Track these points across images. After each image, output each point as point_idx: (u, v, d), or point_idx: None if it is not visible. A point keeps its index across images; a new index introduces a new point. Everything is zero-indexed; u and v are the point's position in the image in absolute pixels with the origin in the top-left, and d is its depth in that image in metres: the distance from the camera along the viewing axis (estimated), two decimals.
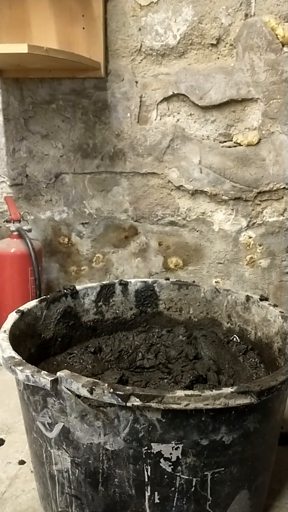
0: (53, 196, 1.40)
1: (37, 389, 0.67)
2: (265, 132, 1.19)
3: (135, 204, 1.34)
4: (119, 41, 1.23)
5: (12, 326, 0.81)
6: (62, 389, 0.64)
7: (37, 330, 0.90)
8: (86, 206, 1.38)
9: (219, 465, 0.66)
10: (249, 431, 0.67)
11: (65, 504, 0.72)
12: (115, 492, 0.67)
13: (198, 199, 1.29)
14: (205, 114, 1.22)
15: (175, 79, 1.21)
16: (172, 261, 1.35)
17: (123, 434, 0.63)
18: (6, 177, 1.43)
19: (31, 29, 1.26)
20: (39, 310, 0.90)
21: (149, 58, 1.22)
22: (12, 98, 1.36)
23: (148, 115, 1.27)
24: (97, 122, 1.31)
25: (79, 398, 0.64)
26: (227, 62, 1.17)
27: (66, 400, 0.65)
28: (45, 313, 0.92)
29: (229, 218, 1.28)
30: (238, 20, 1.14)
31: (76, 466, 0.68)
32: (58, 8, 1.23)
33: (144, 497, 0.67)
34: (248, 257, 1.29)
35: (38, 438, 0.71)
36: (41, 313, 0.91)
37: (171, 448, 0.64)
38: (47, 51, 1.02)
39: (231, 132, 1.21)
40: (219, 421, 0.63)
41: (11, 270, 1.27)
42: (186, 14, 1.16)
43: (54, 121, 1.34)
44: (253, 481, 0.72)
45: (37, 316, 0.90)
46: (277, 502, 0.84)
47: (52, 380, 0.63)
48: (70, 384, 0.63)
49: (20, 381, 0.69)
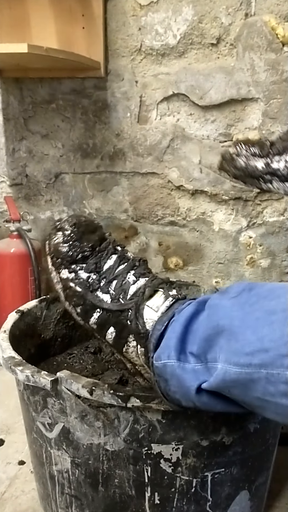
0: (53, 196, 1.40)
1: (37, 389, 0.67)
2: (265, 132, 1.19)
3: (135, 204, 1.34)
4: (119, 40, 1.23)
5: (12, 326, 0.81)
6: (62, 389, 0.64)
7: (37, 330, 0.90)
8: (86, 206, 1.38)
9: (219, 466, 0.66)
10: (249, 431, 0.67)
11: (65, 504, 0.72)
12: (115, 493, 0.67)
13: (198, 199, 1.28)
14: (205, 113, 1.22)
15: (175, 78, 1.21)
16: (172, 261, 1.35)
17: (123, 435, 0.63)
18: (6, 177, 1.42)
19: (30, 28, 1.26)
20: (39, 310, 0.90)
21: (149, 58, 1.22)
22: (12, 98, 1.36)
23: (148, 115, 1.27)
24: (97, 122, 1.31)
25: (79, 399, 0.64)
26: (227, 61, 1.17)
27: (66, 401, 0.65)
28: (45, 313, 0.92)
29: (229, 218, 1.27)
30: (238, 20, 1.14)
31: (76, 466, 0.68)
32: (58, 7, 1.23)
33: (144, 497, 0.67)
34: (248, 257, 1.29)
35: (38, 438, 0.71)
36: (41, 313, 0.91)
37: (171, 449, 0.64)
38: (47, 50, 1.02)
39: (231, 132, 1.21)
40: (219, 422, 0.63)
41: (11, 270, 1.27)
42: (186, 13, 1.16)
43: (54, 121, 1.34)
44: (253, 481, 0.72)
45: (37, 316, 0.90)
46: (277, 503, 0.84)
47: (52, 381, 0.63)
48: (70, 385, 0.63)
49: (20, 381, 0.69)
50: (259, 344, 0.47)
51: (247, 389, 0.48)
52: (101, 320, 0.65)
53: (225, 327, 0.51)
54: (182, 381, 0.55)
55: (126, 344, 0.63)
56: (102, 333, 0.65)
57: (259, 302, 0.51)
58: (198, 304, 0.59)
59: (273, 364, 0.45)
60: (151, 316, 0.61)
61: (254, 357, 0.47)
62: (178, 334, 0.56)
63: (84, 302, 0.66)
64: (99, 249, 0.67)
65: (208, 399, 0.54)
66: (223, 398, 0.53)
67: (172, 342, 0.57)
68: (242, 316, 0.51)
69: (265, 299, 0.51)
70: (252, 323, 0.49)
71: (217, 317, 0.53)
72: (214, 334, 0.52)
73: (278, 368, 0.45)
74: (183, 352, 0.56)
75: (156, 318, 0.61)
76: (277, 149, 0.67)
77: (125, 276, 0.65)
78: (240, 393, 0.50)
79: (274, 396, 0.46)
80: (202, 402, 0.55)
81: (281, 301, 0.49)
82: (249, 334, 0.48)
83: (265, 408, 0.49)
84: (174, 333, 0.57)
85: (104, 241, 0.69)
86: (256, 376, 0.47)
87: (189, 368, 0.55)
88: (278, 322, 0.47)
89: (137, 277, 0.65)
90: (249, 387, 0.48)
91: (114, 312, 0.63)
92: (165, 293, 0.63)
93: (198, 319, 0.57)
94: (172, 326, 0.59)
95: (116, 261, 0.67)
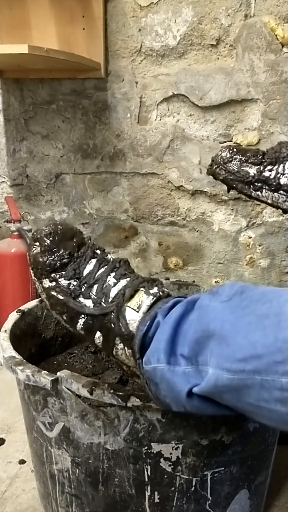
0: (53, 196, 1.41)
1: (37, 388, 0.67)
2: (264, 132, 1.19)
3: (135, 204, 1.34)
4: (119, 41, 1.23)
5: (12, 325, 0.81)
6: (62, 389, 0.64)
7: (38, 330, 0.90)
8: (86, 206, 1.38)
9: (219, 465, 0.67)
10: (248, 431, 0.67)
11: (65, 503, 0.73)
12: (115, 492, 0.67)
13: (198, 199, 1.29)
14: (205, 114, 1.22)
15: (175, 79, 1.22)
16: (172, 261, 1.35)
17: (123, 434, 0.64)
18: (7, 177, 1.43)
19: (31, 29, 1.26)
20: (39, 310, 0.91)
21: (149, 59, 1.23)
22: (13, 99, 1.36)
23: (148, 116, 1.27)
24: (97, 123, 1.31)
25: (79, 398, 0.64)
26: (227, 62, 1.18)
27: (67, 400, 0.65)
28: (46, 313, 0.92)
29: (229, 218, 1.28)
30: (237, 21, 1.14)
31: (76, 465, 0.68)
32: (58, 8, 1.23)
33: (144, 496, 0.67)
34: (247, 257, 1.29)
35: (39, 437, 0.72)
36: (42, 312, 0.91)
37: (171, 448, 0.64)
38: (47, 51, 1.02)
39: (230, 133, 1.22)
40: (219, 421, 0.64)
41: (12, 270, 1.27)
42: (186, 14, 1.17)
43: (54, 122, 1.35)
44: (252, 480, 0.72)
45: (37, 316, 0.90)
46: (276, 502, 0.85)
47: (52, 380, 0.64)
48: (71, 384, 0.63)
49: (20, 380, 0.69)
50: (252, 350, 0.46)
51: (240, 395, 0.48)
52: (86, 326, 0.64)
53: (215, 330, 0.50)
54: (172, 385, 0.54)
55: (115, 347, 0.62)
56: (91, 338, 0.65)
57: (251, 306, 0.50)
58: (187, 304, 0.58)
59: (267, 371, 0.44)
60: (133, 317, 0.61)
61: (247, 363, 0.46)
62: (168, 336, 0.55)
63: (67, 309, 0.65)
64: (77, 255, 0.67)
65: (199, 403, 0.53)
66: (214, 402, 0.52)
67: (161, 344, 0.55)
68: (233, 320, 0.49)
69: (257, 303, 0.49)
70: (243, 328, 0.48)
71: (208, 319, 0.52)
72: (204, 337, 0.51)
73: (272, 374, 0.44)
74: (173, 354, 0.55)
75: (138, 318, 0.60)
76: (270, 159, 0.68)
77: (105, 279, 0.65)
78: (233, 398, 0.49)
79: (268, 402, 0.46)
80: (193, 406, 0.54)
81: (273, 305, 0.48)
82: (241, 338, 0.47)
83: (258, 414, 0.48)
84: (163, 335, 0.56)
85: (83, 246, 0.68)
86: (250, 382, 0.46)
87: (180, 371, 0.54)
88: (271, 326, 0.46)
89: (117, 279, 0.65)
90: (242, 393, 0.47)
91: (97, 316, 0.63)
92: (146, 292, 0.62)
93: (187, 319, 0.56)
94: (161, 328, 0.57)
95: (95, 265, 0.66)
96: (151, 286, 0.63)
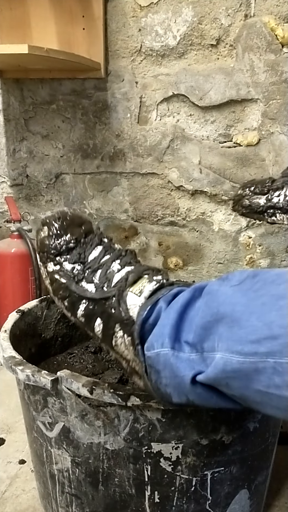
0: (53, 196, 1.41)
1: (37, 388, 0.67)
2: (264, 132, 1.19)
3: (135, 204, 1.34)
4: (119, 41, 1.23)
5: (12, 325, 0.81)
6: (62, 388, 0.64)
7: (38, 330, 0.90)
8: (86, 206, 1.38)
9: (219, 465, 0.67)
10: (248, 430, 0.67)
11: (65, 503, 0.73)
12: (115, 492, 0.67)
13: (198, 199, 1.29)
14: (205, 114, 1.22)
15: (175, 79, 1.22)
16: (172, 261, 1.35)
17: (123, 434, 0.64)
18: (7, 177, 1.43)
19: (31, 29, 1.26)
20: (39, 310, 0.91)
21: (149, 59, 1.23)
22: (13, 99, 1.36)
23: (148, 116, 1.27)
24: (97, 123, 1.31)
25: (79, 398, 0.64)
26: (227, 62, 1.18)
27: (67, 400, 0.65)
28: (46, 313, 0.92)
29: (229, 218, 1.28)
30: (237, 21, 1.14)
31: (76, 465, 0.68)
32: (58, 9, 1.23)
33: (144, 496, 0.67)
34: (247, 257, 1.29)
35: (39, 437, 0.72)
36: (42, 312, 0.91)
37: (171, 447, 0.64)
38: (47, 51, 1.02)
39: (230, 133, 1.22)
40: (219, 421, 0.64)
41: (12, 270, 1.27)
42: (186, 14, 1.17)
43: (54, 122, 1.35)
44: (252, 480, 0.72)
45: (37, 316, 0.90)
46: (276, 502, 0.85)
47: (52, 380, 0.64)
48: (70, 384, 0.63)
49: (20, 380, 0.69)
50: (267, 331, 0.43)
51: (249, 381, 0.45)
52: (87, 311, 0.63)
53: (226, 313, 0.47)
54: (176, 371, 0.52)
55: (114, 335, 0.60)
56: (91, 326, 0.64)
57: (265, 287, 0.47)
58: (194, 291, 0.56)
59: (282, 353, 0.42)
60: (135, 302, 0.59)
61: (261, 345, 0.43)
62: (173, 322, 0.53)
63: (69, 294, 0.64)
64: (84, 241, 0.67)
65: (203, 391, 0.51)
66: (218, 392, 0.50)
67: (166, 329, 0.53)
68: (245, 302, 0.47)
69: (272, 284, 0.47)
70: (257, 309, 0.45)
71: (217, 303, 0.49)
72: (213, 321, 0.49)
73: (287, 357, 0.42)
74: (178, 341, 0.53)
75: (140, 303, 0.58)
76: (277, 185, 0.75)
77: (110, 265, 0.64)
78: (240, 385, 0.46)
79: (280, 388, 0.43)
80: (197, 394, 0.51)
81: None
82: (254, 319, 0.44)
83: (265, 402, 0.46)
84: (169, 320, 0.54)
85: (90, 234, 0.68)
86: (262, 365, 0.43)
87: (184, 357, 0.52)
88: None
89: (122, 266, 0.64)
90: (252, 378, 0.45)
91: (99, 301, 0.62)
92: (150, 279, 0.61)
93: (194, 306, 0.54)
94: (166, 313, 0.55)
95: (101, 251, 0.66)
96: (156, 274, 0.62)
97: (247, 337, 0.44)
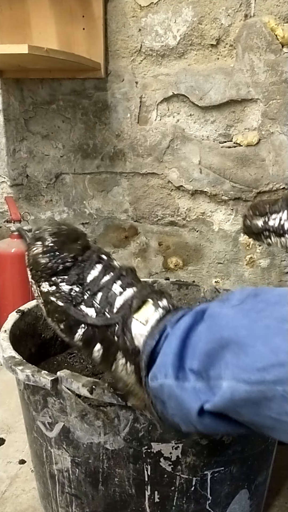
0: (53, 196, 1.41)
1: (37, 388, 0.67)
2: (264, 132, 1.19)
3: (135, 204, 1.34)
4: (119, 41, 1.23)
5: (12, 326, 0.81)
6: (62, 388, 0.64)
7: (38, 330, 0.90)
8: (86, 206, 1.38)
9: (219, 465, 0.67)
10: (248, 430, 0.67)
11: (65, 503, 0.73)
12: (115, 492, 0.67)
13: (198, 199, 1.29)
14: (205, 114, 1.22)
15: (175, 79, 1.22)
16: (172, 261, 1.35)
17: (123, 434, 0.64)
18: (7, 177, 1.43)
19: (31, 29, 1.26)
20: (39, 310, 0.90)
21: (149, 59, 1.23)
22: (13, 99, 1.36)
23: (148, 116, 1.27)
24: (97, 123, 1.31)
25: (79, 398, 0.64)
26: (227, 62, 1.18)
27: (66, 400, 0.65)
28: None
29: (229, 218, 1.28)
30: (237, 21, 1.14)
31: (76, 465, 0.68)
32: (58, 9, 1.23)
33: (144, 496, 0.67)
34: (247, 257, 1.29)
35: (39, 437, 0.72)
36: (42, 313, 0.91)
37: (171, 447, 0.64)
38: (47, 51, 1.02)
39: (230, 133, 1.22)
40: None
41: (12, 270, 1.27)
42: (186, 14, 1.17)
43: (54, 122, 1.35)
44: (252, 480, 0.72)
45: (37, 316, 0.90)
46: (276, 502, 0.85)
47: (52, 380, 0.64)
48: (70, 384, 0.63)
49: (20, 380, 0.69)
50: (273, 357, 0.42)
51: (259, 408, 0.44)
52: (86, 337, 0.59)
53: (230, 339, 0.46)
54: (181, 403, 0.50)
55: (115, 362, 0.57)
56: (89, 350, 0.60)
57: (268, 309, 0.45)
58: (196, 314, 0.53)
59: None
60: (140, 331, 0.56)
61: (268, 373, 0.42)
62: (175, 350, 0.51)
63: (67, 317, 0.60)
64: (81, 259, 0.61)
65: (212, 421, 0.49)
66: (227, 419, 0.48)
67: (168, 358, 0.51)
68: (248, 324, 0.45)
69: (276, 305, 0.45)
70: (261, 333, 0.44)
71: (219, 328, 0.47)
72: (217, 348, 0.47)
73: None
74: (182, 369, 0.50)
75: (146, 332, 0.55)
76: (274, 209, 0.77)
77: (111, 288, 0.59)
78: (250, 413, 0.45)
79: None
80: (205, 425, 0.50)
81: None
82: (260, 345, 0.43)
83: (279, 429, 0.44)
84: (171, 348, 0.51)
85: (87, 250, 0.63)
86: (271, 394, 0.42)
87: (189, 387, 0.49)
88: None
89: (123, 288, 0.60)
90: (262, 406, 0.43)
91: (100, 327, 0.58)
92: (155, 304, 0.58)
93: (196, 330, 0.52)
94: (168, 340, 0.53)
95: (101, 271, 0.61)
96: (160, 298, 0.59)
97: (254, 365, 0.43)
